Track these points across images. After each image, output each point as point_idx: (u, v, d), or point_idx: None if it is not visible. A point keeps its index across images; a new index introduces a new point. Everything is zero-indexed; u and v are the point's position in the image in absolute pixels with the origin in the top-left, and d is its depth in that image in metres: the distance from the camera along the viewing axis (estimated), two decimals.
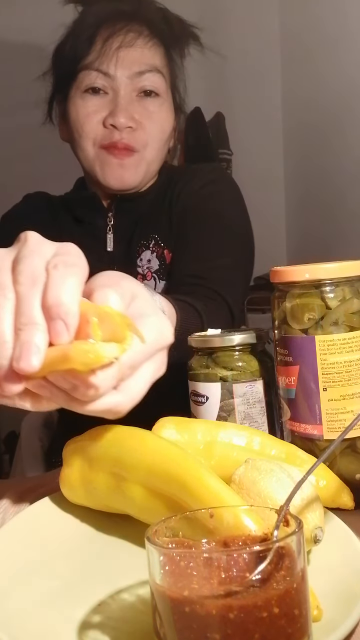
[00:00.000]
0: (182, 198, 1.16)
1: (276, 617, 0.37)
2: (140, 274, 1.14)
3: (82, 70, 1.09)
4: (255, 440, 0.66)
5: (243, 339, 0.76)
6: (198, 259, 1.09)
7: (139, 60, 1.08)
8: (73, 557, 0.57)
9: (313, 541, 0.51)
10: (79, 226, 1.19)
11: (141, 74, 1.08)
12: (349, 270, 0.67)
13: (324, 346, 0.66)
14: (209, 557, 0.40)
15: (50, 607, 0.49)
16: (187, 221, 1.13)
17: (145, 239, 1.15)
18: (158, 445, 0.56)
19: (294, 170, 2.71)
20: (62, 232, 1.18)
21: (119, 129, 1.07)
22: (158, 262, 1.14)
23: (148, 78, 1.09)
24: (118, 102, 1.07)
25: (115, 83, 1.08)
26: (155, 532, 0.41)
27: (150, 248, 1.14)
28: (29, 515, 0.63)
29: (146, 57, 1.09)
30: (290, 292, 0.69)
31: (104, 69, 1.07)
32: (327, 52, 2.31)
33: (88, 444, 0.62)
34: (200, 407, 0.77)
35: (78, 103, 1.10)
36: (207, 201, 1.15)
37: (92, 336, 0.46)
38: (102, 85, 1.08)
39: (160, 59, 1.11)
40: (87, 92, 1.09)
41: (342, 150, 2.27)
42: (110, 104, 1.08)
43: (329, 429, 0.67)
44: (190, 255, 1.10)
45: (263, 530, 0.43)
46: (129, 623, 0.46)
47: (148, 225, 1.16)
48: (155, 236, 1.15)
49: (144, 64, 1.08)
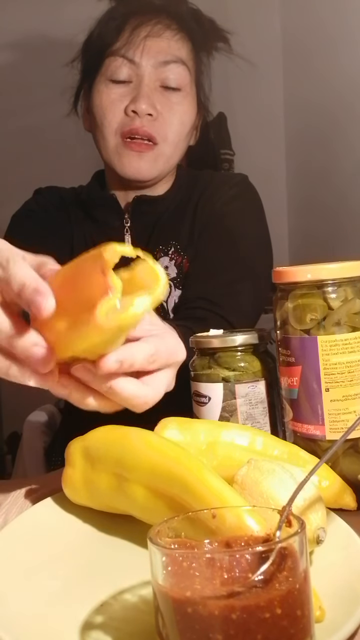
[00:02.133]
0: (205, 212, 1.15)
1: (279, 618, 0.37)
2: None
3: (108, 57, 1.09)
4: (258, 440, 0.66)
5: (245, 339, 0.76)
6: (214, 282, 1.09)
7: (165, 50, 1.09)
8: (75, 558, 0.57)
9: (315, 542, 0.51)
10: (93, 224, 1.18)
11: (166, 63, 1.09)
12: (351, 271, 0.67)
13: (327, 346, 0.66)
14: (211, 557, 0.40)
15: (53, 607, 0.49)
16: (208, 238, 1.13)
17: (164, 244, 1.14)
18: (160, 446, 0.56)
19: (296, 171, 2.71)
20: (73, 229, 1.18)
21: (140, 116, 1.07)
22: (176, 271, 1.13)
23: (172, 69, 1.09)
24: (141, 89, 1.08)
25: (139, 71, 1.08)
26: (157, 532, 0.41)
27: (169, 255, 1.14)
28: (32, 516, 0.63)
29: (172, 48, 1.09)
30: (293, 293, 0.69)
31: (129, 55, 1.08)
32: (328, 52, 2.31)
33: (90, 445, 0.62)
34: (203, 408, 0.77)
35: (102, 90, 1.10)
36: (229, 221, 1.14)
37: (110, 287, 0.47)
38: (126, 74, 1.09)
39: (187, 53, 1.11)
40: (112, 81, 1.10)
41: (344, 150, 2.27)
42: (133, 91, 1.09)
43: (331, 430, 0.67)
44: (207, 274, 1.10)
45: (265, 531, 0.43)
46: (131, 623, 0.46)
47: (168, 231, 1.15)
48: (175, 243, 1.14)
49: (170, 54, 1.09)
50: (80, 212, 1.20)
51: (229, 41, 1.17)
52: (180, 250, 1.14)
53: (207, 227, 1.14)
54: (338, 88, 2.26)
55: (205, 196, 1.16)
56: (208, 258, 1.12)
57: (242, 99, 2.65)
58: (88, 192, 1.21)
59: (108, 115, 1.10)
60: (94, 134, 1.15)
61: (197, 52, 1.14)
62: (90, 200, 1.19)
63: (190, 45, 1.12)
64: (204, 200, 1.16)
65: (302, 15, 2.48)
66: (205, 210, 1.15)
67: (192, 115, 1.13)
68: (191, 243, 1.14)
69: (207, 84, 1.18)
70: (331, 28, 2.25)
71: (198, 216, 1.15)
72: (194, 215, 1.15)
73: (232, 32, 1.17)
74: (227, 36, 1.17)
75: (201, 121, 1.20)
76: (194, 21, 1.14)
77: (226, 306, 1.06)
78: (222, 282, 1.09)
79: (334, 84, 2.28)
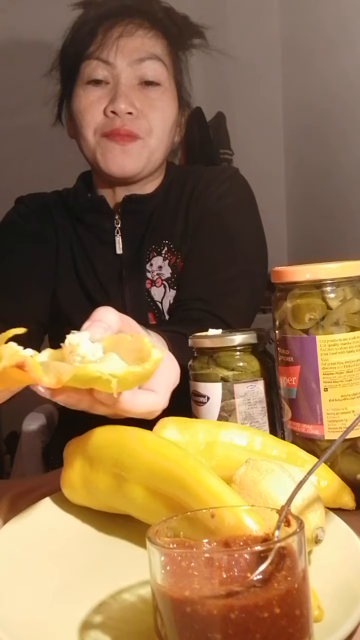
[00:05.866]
0: (198, 209, 1.14)
1: (277, 618, 0.37)
2: (149, 279, 1.12)
3: (84, 61, 1.09)
4: (257, 440, 0.66)
5: (244, 339, 0.76)
6: (210, 282, 1.08)
7: (139, 48, 1.08)
8: (74, 557, 0.57)
9: (314, 541, 0.51)
10: (82, 228, 1.16)
11: (141, 61, 1.08)
12: (349, 271, 0.67)
13: (325, 346, 0.66)
14: (210, 557, 0.40)
15: (52, 607, 0.49)
16: (201, 237, 1.12)
17: (157, 244, 1.13)
18: (159, 446, 0.56)
19: (295, 170, 2.71)
20: (58, 236, 1.17)
21: (120, 115, 1.06)
22: (170, 271, 1.12)
23: (148, 66, 1.08)
24: (118, 89, 1.07)
25: (115, 71, 1.08)
26: (156, 532, 0.41)
27: (163, 255, 1.13)
28: (30, 516, 0.63)
29: (146, 46, 1.09)
30: (291, 293, 0.69)
31: (104, 57, 1.07)
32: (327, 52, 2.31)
33: (89, 445, 0.62)
34: (202, 407, 0.77)
35: (80, 94, 1.10)
36: (222, 218, 1.13)
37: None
38: (103, 76, 1.08)
39: (162, 49, 1.11)
40: (89, 83, 1.09)
41: (342, 150, 2.27)
42: (111, 92, 1.08)
43: (330, 429, 0.67)
44: (201, 274, 1.09)
45: (264, 531, 0.43)
46: (130, 623, 0.46)
47: (160, 230, 1.14)
48: (168, 243, 1.13)
49: (144, 51, 1.08)
50: (66, 217, 1.18)
51: (205, 36, 1.16)
52: (174, 250, 1.13)
53: (200, 226, 1.13)
54: (336, 88, 2.26)
55: (197, 193, 1.15)
56: (202, 257, 1.11)
57: (241, 98, 2.65)
58: (75, 195, 1.19)
59: (87, 117, 1.09)
60: (77, 139, 1.14)
61: (173, 49, 1.13)
62: (78, 204, 1.17)
63: (164, 42, 1.11)
64: (195, 197, 1.15)
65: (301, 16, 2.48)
66: (198, 207, 1.14)
67: (173, 110, 1.12)
68: (185, 242, 1.13)
69: (187, 80, 1.17)
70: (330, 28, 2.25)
71: (191, 214, 1.14)
72: (187, 213, 1.14)
73: (208, 27, 1.16)
74: (203, 31, 1.16)
75: (184, 118, 1.19)
76: (167, 18, 1.13)
77: (222, 306, 1.05)
78: (217, 281, 1.08)
79: (332, 83, 2.29)
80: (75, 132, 1.14)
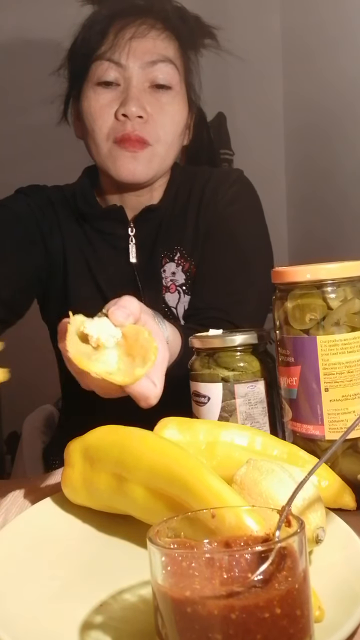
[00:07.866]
0: (208, 215, 1.14)
1: (278, 618, 0.37)
2: (164, 285, 1.12)
3: (94, 62, 1.07)
4: (257, 440, 0.66)
5: (245, 339, 0.76)
6: (224, 290, 1.09)
7: (151, 50, 1.07)
8: (74, 558, 0.57)
9: (315, 541, 0.51)
10: (94, 233, 1.14)
11: (153, 63, 1.07)
12: (350, 271, 0.67)
13: (326, 347, 0.66)
14: (210, 557, 0.40)
15: (52, 607, 0.49)
16: (212, 244, 1.12)
17: (169, 250, 1.13)
18: (159, 446, 0.56)
19: (296, 171, 2.71)
20: (62, 231, 1.16)
21: (130, 119, 1.05)
22: (184, 277, 1.12)
23: (160, 68, 1.07)
24: (130, 91, 1.06)
25: (127, 73, 1.06)
26: (157, 532, 0.41)
27: (175, 261, 1.12)
28: (31, 516, 0.63)
29: (158, 48, 1.07)
30: (292, 293, 0.69)
31: (115, 58, 1.06)
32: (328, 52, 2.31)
33: (89, 445, 0.62)
34: (202, 408, 0.77)
35: (90, 96, 1.08)
36: (232, 224, 1.13)
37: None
38: (114, 77, 1.07)
39: (174, 51, 1.09)
40: (100, 85, 1.08)
41: (343, 150, 2.27)
42: (122, 95, 1.06)
43: (330, 430, 0.67)
44: (215, 281, 1.10)
45: (265, 531, 0.43)
46: (131, 623, 0.46)
47: (171, 235, 1.13)
48: (180, 248, 1.13)
49: (156, 54, 1.07)
50: (70, 215, 1.16)
51: (216, 37, 1.15)
52: (186, 255, 1.12)
53: (210, 232, 1.13)
54: (338, 87, 2.26)
55: (206, 198, 1.15)
56: (214, 264, 1.11)
57: (241, 98, 2.65)
58: (83, 197, 1.16)
59: (98, 121, 1.07)
60: (86, 140, 1.12)
61: (185, 50, 1.12)
62: (90, 209, 1.15)
63: (176, 44, 1.10)
64: (205, 203, 1.15)
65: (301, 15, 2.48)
66: (208, 213, 1.14)
67: (183, 114, 1.11)
68: (196, 247, 1.13)
69: (197, 82, 1.16)
70: (331, 27, 2.25)
71: (201, 219, 1.14)
72: (197, 219, 1.14)
73: (219, 27, 1.15)
74: (214, 32, 1.15)
75: (193, 120, 1.18)
76: (179, 19, 1.11)
77: (238, 314, 1.06)
78: (231, 290, 1.09)
79: (333, 83, 2.28)
80: (83, 133, 1.13)
